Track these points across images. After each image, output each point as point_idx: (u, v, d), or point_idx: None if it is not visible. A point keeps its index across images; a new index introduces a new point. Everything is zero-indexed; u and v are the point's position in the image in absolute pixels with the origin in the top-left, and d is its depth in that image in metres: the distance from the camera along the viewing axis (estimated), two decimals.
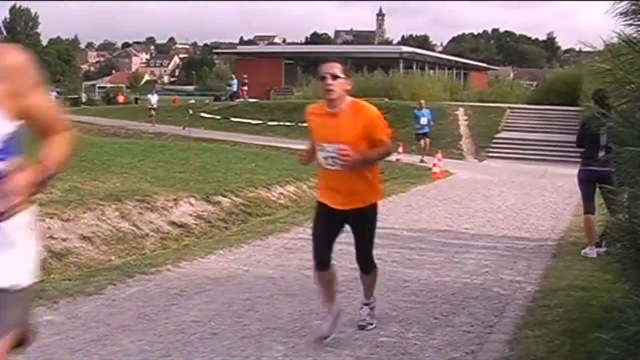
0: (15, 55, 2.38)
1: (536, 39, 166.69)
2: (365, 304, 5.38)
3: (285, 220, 10.25)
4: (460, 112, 29.40)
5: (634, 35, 3.84)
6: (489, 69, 69.69)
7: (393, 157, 19.93)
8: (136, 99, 61.67)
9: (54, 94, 49.00)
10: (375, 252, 5.16)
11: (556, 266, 7.81)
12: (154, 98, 35.97)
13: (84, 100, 50.91)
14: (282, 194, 12.39)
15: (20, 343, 2.45)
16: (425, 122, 21.82)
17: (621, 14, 3.90)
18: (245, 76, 39.30)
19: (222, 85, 59.99)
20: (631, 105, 3.92)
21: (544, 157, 22.42)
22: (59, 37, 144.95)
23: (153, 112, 34.49)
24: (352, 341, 5.07)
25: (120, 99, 60.45)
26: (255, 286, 6.56)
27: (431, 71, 47.52)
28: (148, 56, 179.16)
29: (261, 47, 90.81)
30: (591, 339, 4.53)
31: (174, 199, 9.98)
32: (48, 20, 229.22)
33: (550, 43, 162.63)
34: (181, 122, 30.50)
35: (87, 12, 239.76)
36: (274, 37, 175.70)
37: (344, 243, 8.01)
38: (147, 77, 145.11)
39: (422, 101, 23.01)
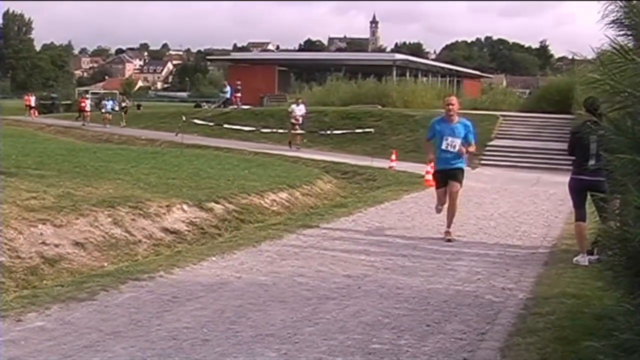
0: None
1: (529, 47, 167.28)
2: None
3: (278, 227, 10.24)
4: None
5: (625, 42, 3.86)
6: (482, 76, 69.96)
7: (386, 164, 20.02)
8: (138, 106, 59.56)
9: (110, 103, 39.97)
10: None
11: (548, 274, 7.83)
12: (299, 110, 26.14)
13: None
14: (274, 200, 12.39)
15: None
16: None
17: (613, 22, 3.93)
18: (239, 83, 39.21)
19: (216, 92, 59.28)
20: (622, 113, 3.94)
21: (537, 164, 22.41)
22: (52, 42, 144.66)
23: (298, 129, 25.61)
24: (345, 348, 5.07)
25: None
26: (247, 293, 6.56)
27: (424, 79, 47.54)
28: (141, 62, 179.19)
29: (255, 54, 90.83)
30: (583, 347, 4.54)
31: (167, 206, 9.97)
32: (42, 25, 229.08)
33: (543, 51, 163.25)
34: (174, 128, 30.49)
35: (80, 18, 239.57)
36: (267, 44, 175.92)
37: (337, 250, 7.99)
38: (140, 84, 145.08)
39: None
